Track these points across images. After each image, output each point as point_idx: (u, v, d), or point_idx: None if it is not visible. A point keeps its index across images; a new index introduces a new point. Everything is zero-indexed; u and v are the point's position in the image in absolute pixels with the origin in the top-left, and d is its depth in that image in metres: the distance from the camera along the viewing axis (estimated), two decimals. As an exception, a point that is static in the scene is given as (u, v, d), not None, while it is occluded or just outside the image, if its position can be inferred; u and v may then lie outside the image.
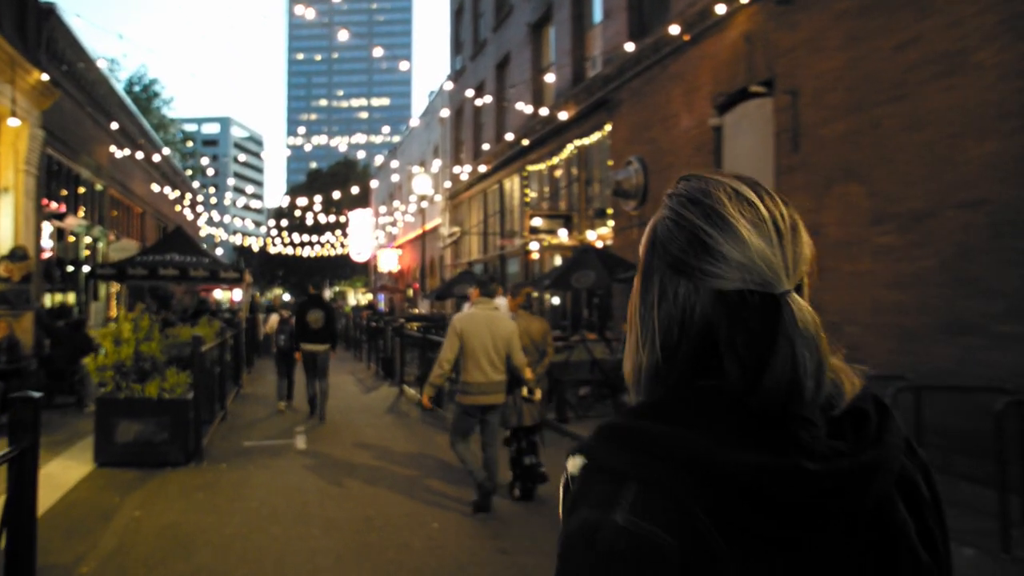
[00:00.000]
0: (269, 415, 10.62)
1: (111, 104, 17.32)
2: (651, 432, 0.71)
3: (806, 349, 0.72)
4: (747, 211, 0.76)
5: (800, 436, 0.71)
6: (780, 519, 0.68)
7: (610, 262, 11.12)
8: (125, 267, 15.06)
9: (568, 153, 14.98)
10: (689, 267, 0.76)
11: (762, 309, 0.73)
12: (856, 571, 0.72)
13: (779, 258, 0.75)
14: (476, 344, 5.59)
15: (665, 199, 0.85)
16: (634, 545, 0.66)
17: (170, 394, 7.28)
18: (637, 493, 0.69)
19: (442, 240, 25.57)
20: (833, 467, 0.69)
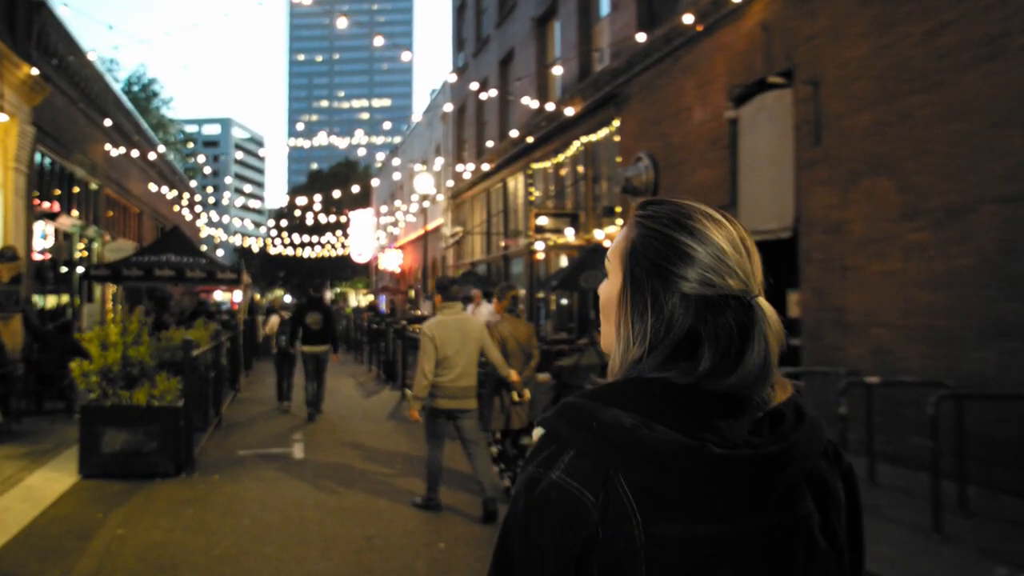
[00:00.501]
0: (266, 420, 10.24)
1: (106, 101, 16.95)
2: (592, 411, 0.85)
3: (776, 343, 0.88)
4: (721, 229, 0.91)
5: (720, 425, 0.84)
6: (686, 492, 0.81)
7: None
8: (120, 268, 14.69)
9: (574, 150, 14.59)
10: (675, 275, 0.89)
11: (738, 310, 0.88)
12: (752, 546, 0.83)
13: (748, 267, 0.91)
14: (450, 351, 5.53)
15: (640, 219, 0.96)
16: (561, 497, 0.83)
17: (159, 401, 6.89)
18: (572, 457, 0.84)
19: (444, 240, 25.18)
20: (736, 454, 0.81)
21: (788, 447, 0.85)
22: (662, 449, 0.81)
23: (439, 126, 26.12)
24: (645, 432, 0.82)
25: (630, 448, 0.81)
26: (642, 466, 0.81)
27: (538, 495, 0.84)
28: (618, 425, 0.83)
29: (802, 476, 0.88)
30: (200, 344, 9.61)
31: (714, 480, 0.81)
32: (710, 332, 0.87)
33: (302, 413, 10.50)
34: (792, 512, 0.86)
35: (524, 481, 0.87)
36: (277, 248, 40.58)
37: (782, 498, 0.85)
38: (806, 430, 0.89)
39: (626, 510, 0.81)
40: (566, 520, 0.82)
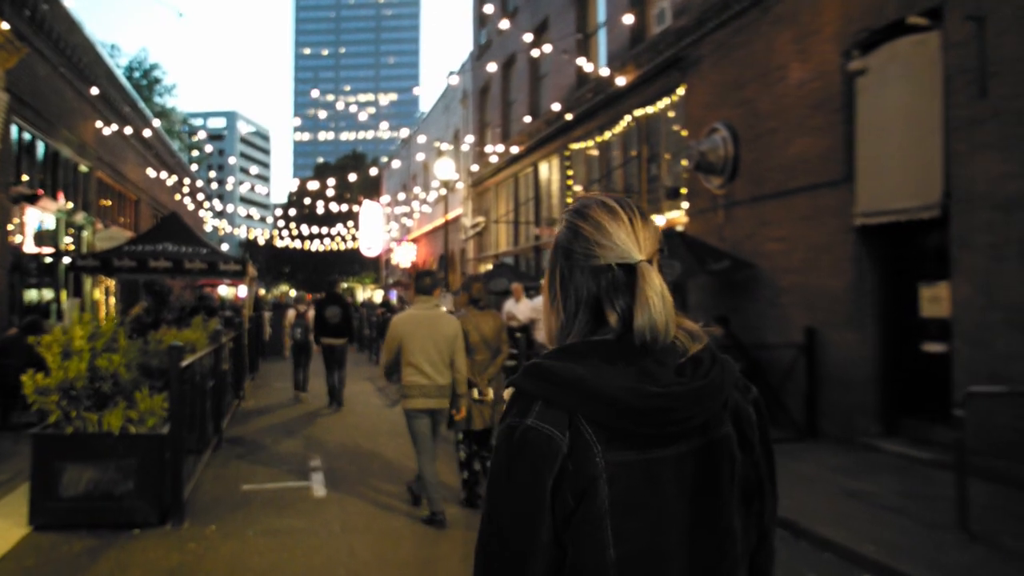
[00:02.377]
0: (276, 436, 8.56)
1: (98, 74, 15.26)
2: (553, 367, 1.05)
3: (655, 296, 1.07)
4: (609, 212, 1.13)
5: (652, 371, 1.05)
6: (634, 423, 1.02)
7: (698, 249, 9.01)
8: (110, 258, 13.02)
9: (624, 126, 12.86)
10: (575, 253, 1.13)
11: (626, 275, 1.10)
12: (688, 463, 1.06)
13: (632, 239, 1.11)
14: (416, 346, 5.28)
15: (564, 215, 1.20)
16: (537, 438, 1.02)
17: (139, 426, 5.21)
18: (541, 406, 1.04)
19: (464, 232, 23.46)
20: (668, 391, 1.03)
21: (707, 383, 1.06)
22: (611, 392, 1.01)
23: (458, 110, 24.38)
24: (596, 380, 1.02)
25: (586, 393, 1.02)
26: (596, 407, 1.02)
27: (517, 439, 1.03)
28: (575, 376, 1.03)
29: (721, 405, 1.09)
30: (197, 347, 7.94)
31: (653, 412, 1.02)
32: (604, 294, 1.11)
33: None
34: (715, 433, 1.09)
35: (503, 431, 1.06)
36: (284, 241, 38.87)
37: (706, 423, 1.08)
38: (720, 369, 1.09)
39: (588, 442, 1.02)
40: (542, 456, 1.01)
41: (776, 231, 8.75)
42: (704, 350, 1.10)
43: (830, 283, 7.91)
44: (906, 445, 7.19)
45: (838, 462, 6.96)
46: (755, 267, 8.99)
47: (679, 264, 8.65)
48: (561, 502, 1.01)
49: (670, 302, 1.08)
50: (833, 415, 7.83)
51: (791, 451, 7.38)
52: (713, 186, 9.93)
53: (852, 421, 7.60)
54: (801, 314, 8.29)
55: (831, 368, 7.85)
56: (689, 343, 1.10)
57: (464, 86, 23.71)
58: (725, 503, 1.09)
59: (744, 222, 9.40)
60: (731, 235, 9.60)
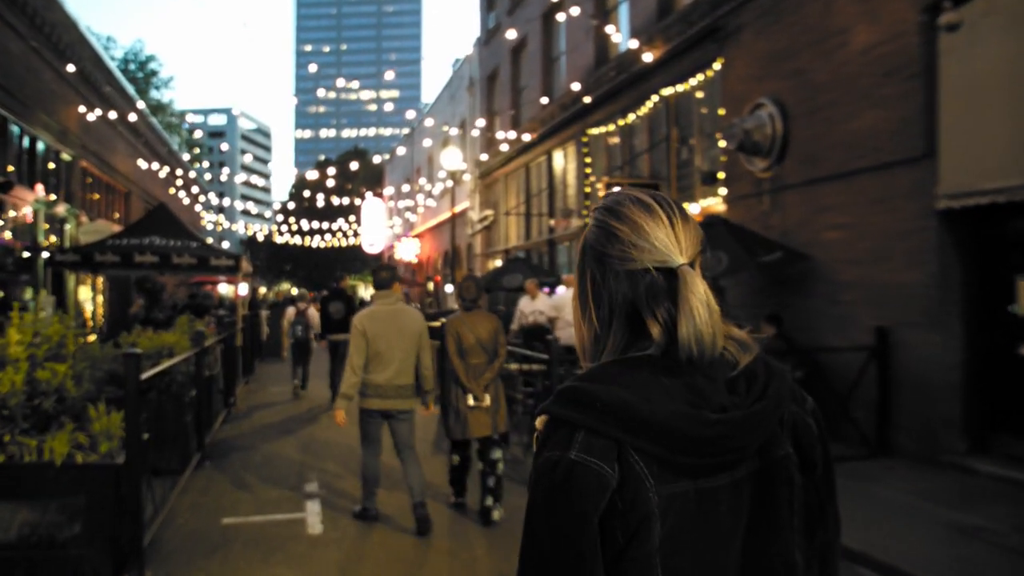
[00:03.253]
0: (269, 449, 7.53)
1: (82, 56, 14.23)
2: (594, 392, 0.93)
3: (700, 305, 0.95)
4: (645, 209, 1.02)
5: (703, 389, 0.94)
6: (688, 453, 0.92)
7: (746, 239, 7.96)
8: (92, 253, 12.02)
9: (650, 107, 11.79)
10: (609, 257, 1.02)
11: (666, 280, 0.98)
12: (744, 490, 0.97)
13: (672, 240, 0.99)
14: (382, 345, 5.06)
15: (593, 213, 1.08)
16: (583, 473, 0.90)
17: (88, 454, 4.17)
18: (585, 437, 0.92)
19: (471, 226, 22.41)
20: (728, 417, 0.93)
21: (766, 403, 0.96)
22: (666, 420, 0.91)
23: (464, 98, 23.31)
24: (646, 406, 0.91)
25: (635, 422, 0.91)
26: (648, 436, 0.91)
27: (560, 475, 0.91)
28: (622, 402, 0.91)
29: (779, 423, 1.00)
30: (176, 351, 6.93)
31: (711, 441, 0.91)
32: (643, 301, 0.99)
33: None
34: (772, 455, 0.99)
35: (544, 465, 0.93)
36: (284, 237, 37.84)
37: (762, 445, 0.98)
38: (777, 383, 0.99)
39: (640, 476, 0.91)
40: (590, 493, 0.89)
41: (836, 217, 7.69)
42: (757, 361, 1.01)
43: (905, 276, 6.85)
44: (1002, 465, 6.13)
45: (927, 486, 5.91)
46: (811, 259, 7.93)
47: (725, 256, 7.59)
48: (611, 541, 0.91)
49: (717, 311, 0.98)
50: (910, 428, 6.77)
51: (864, 471, 6.35)
52: (757, 169, 8.87)
53: (934, 436, 6.54)
54: (868, 312, 7.24)
55: (907, 374, 6.79)
56: (739, 354, 1.00)
57: (471, 73, 22.65)
58: (785, 534, 1.00)
59: (795, 208, 8.34)
60: (779, 223, 8.54)
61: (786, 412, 1.01)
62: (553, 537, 0.90)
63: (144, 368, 6.26)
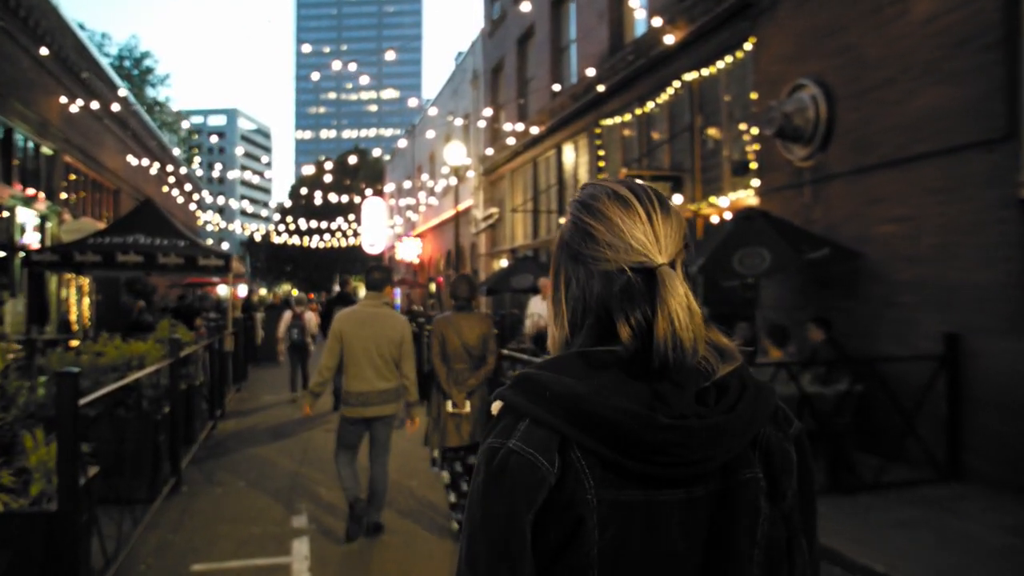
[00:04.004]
0: (256, 472, 6.69)
1: (64, 44, 13.40)
2: (546, 381, 0.88)
3: (680, 308, 0.88)
4: (620, 204, 0.95)
5: (667, 395, 0.87)
6: (635, 458, 0.85)
7: (790, 234, 7.11)
8: (71, 252, 11.18)
9: (670, 94, 10.95)
10: (583, 256, 0.96)
11: (643, 281, 0.91)
12: (700, 510, 0.88)
13: (651, 239, 0.92)
14: (357, 347, 4.85)
15: (569, 207, 1.02)
16: (519, 464, 0.85)
17: (15, 499, 3.33)
18: (527, 426, 0.87)
19: (475, 224, 21.56)
20: (682, 423, 0.85)
21: (732, 417, 0.88)
22: (614, 418, 0.84)
23: (467, 93, 22.47)
24: (595, 399, 0.85)
25: (583, 416, 0.85)
26: (592, 433, 0.85)
27: (497, 464, 0.86)
28: (572, 394, 0.86)
29: (747, 443, 0.90)
30: (146, 362, 6.10)
31: (661, 448, 0.84)
32: (616, 303, 0.92)
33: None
34: (735, 478, 0.89)
35: (484, 452, 0.89)
36: (283, 237, 37.00)
37: (727, 465, 0.89)
38: (750, 399, 0.91)
39: (579, 475, 0.85)
40: (523, 486, 0.84)
41: (892, 210, 6.85)
42: (733, 374, 0.93)
43: (978, 275, 6.01)
44: (1101, 494, 5.29)
45: (1017, 521, 5.06)
46: (862, 256, 7.08)
47: (768, 253, 6.75)
48: (544, 541, 0.86)
49: (698, 314, 0.90)
50: (985, 450, 5.92)
51: (935, 498, 5.52)
52: (796, 157, 8.02)
53: (1015, 459, 5.68)
54: (931, 316, 6.39)
55: (983, 388, 5.94)
56: (716, 364, 0.92)
57: (474, 66, 21.81)
58: (741, 566, 0.89)
59: (842, 200, 7.49)
60: (823, 217, 7.69)
61: (761, 433, 0.93)
62: (484, 528, 0.86)
63: (107, 381, 5.42)
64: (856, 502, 5.48)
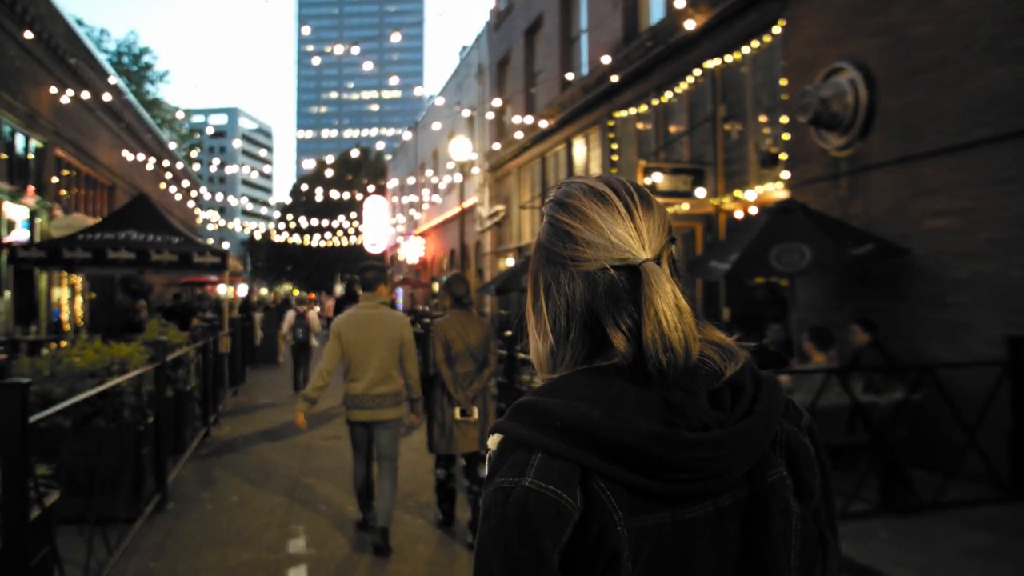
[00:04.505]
0: (250, 487, 6.13)
1: (54, 31, 12.84)
2: (553, 408, 0.80)
3: (667, 307, 0.81)
4: (597, 200, 0.88)
5: (681, 405, 0.81)
6: (663, 479, 0.77)
7: (831, 228, 6.55)
8: (59, 248, 10.65)
9: (690, 83, 10.38)
10: (562, 257, 0.88)
11: (628, 280, 0.84)
12: (731, 521, 0.82)
13: (632, 233, 0.85)
14: (356, 350, 4.69)
15: (543, 209, 0.95)
16: (539, 503, 0.75)
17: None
18: (541, 460, 0.78)
19: (480, 222, 21.00)
20: (709, 437, 0.79)
21: (754, 420, 0.83)
22: (636, 442, 0.77)
23: (472, 87, 21.91)
24: (614, 424, 0.78)
25: (601, 443, 0.78)
26: (616, 460, 0.78)
27: (513, 506, 0.77)
28: (585, 419, 0.79)
29: (771, 443, 0.86)
30: (129, 367, 5.55)
31: (690, 466, 0.78)
32: (602, 306, 0.86)
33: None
34: (763, 480, 0.84)
35: (494, 493, 0.79)
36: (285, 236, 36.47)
37: (753, 468, 0.83)
38: (766, 397, 0.86)
39: (606, 507, 0.78)
40: (547, 527, 0.76)
41: (944, 202, 6.28)
42: (744, 371, 0.87)
43: (1046, 273, 5.45)
44: None
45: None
46: (907, 253, 6.52)
47: (808, 249, 6.18)
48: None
49: (688, 312, 0.83)
50: (1055, 465, 5.35)
51: (1004, 520, 4.96)
52: (832, 147, 7.46)
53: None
54: (990, 318, 5.83)
55: (1052, 397, 5.37)
56: (723, 363, 0.86)
57: (479, 60, 21.25)
58: (780, 570, 0.83)
59: (884, 192, 6.93)
60: (862, 211, 7.13)
61: (779, 430, 0.87)
62: (506, 571, 0.76)
63: (84, 388, 4.89)
64: (916, 525, 4.92)
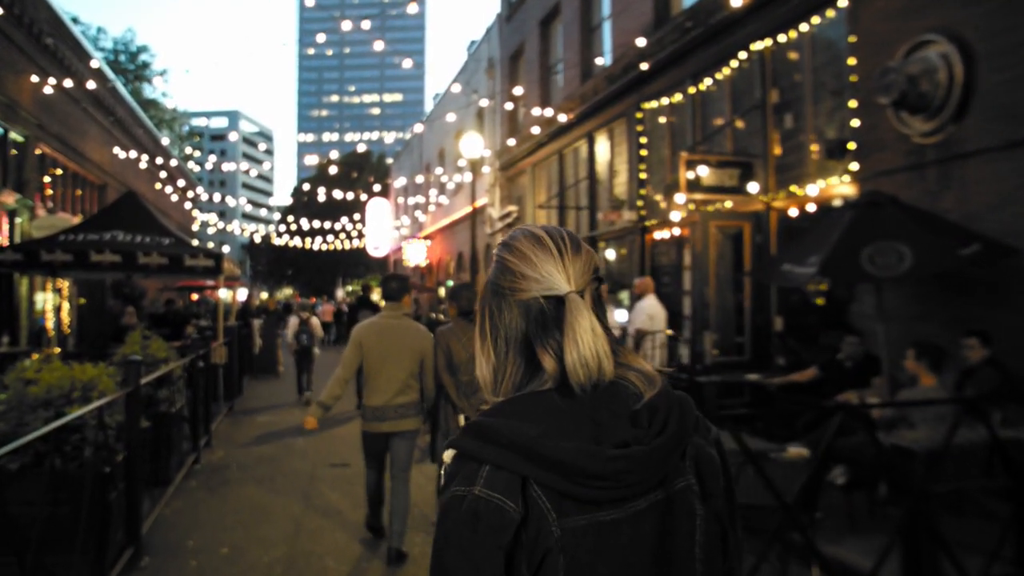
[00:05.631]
0: (242, 531, 5.14)
1: (37, 16, 11.87)
2: (498, 428, 0.95)
3: (584, 332, 0.98)
4: (533, 241, 1.06)
5: (607, 424, 0.97)
6: (589, 487, 0.93)
7: (931, 225, 5.56)
8: (38, 250, 9.69)
9: (734, 68, 9.40)
10: (504, 288, 1.06)
11: (555, 309, 1.02)
12: (645, 521, 0.97)
13: (560, 270, 1.03)
14: (377, 360, 4.68)
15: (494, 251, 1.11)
16: (487, 509, 0.91)
17: None
18: (488, 472, 0.93)
19: (490, 224, 20.01)
20: (628, 452, 0.94)
21: (666, 438, 0.97)
22: (564, 456, 0.92)
23: (482, 83, 20.94)
24: (548, 441, 0.93)
25: (537, 457, 0.92)
26: (549, 471, 0.92)
27: (465, 510, 0.92)
28: (524, 437, 0.93)
29: (680, 455, 1.01)
30: (95, 393, 4.57)
31: (611, 476, 0.93)
32: (534, 331, 1.03)
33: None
34: (673, 486, 0.99)
35: (449, 500, 0.95)
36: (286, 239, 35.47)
37: (665, 476, 0.99)
38: (677, 417, 1.00)
39: (542, 511, 0.93)
40: (494, 529, 0.91)
41: (1067, 193, 5.30)
42: (660, 395, 1.03)
43: None
44: None
45: None
46: (1017, 253, 5.53)
47: (908, 250, 5.18)
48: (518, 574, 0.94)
49: (603, 337, 1.01)
50: None
51: None
52: (916, 132, 6.47)
53: None
54: None
55: None
56: (644, 387, 1.03)
57: (490, 54, 20.30)
58: (687, 565, 1.00)
59: (984, 184, 5.94)
60: (955, 205, 6.14)
61: (688, 443, 1.03)
62: (459, 569, 0.91)
63: (34, 424, 3.93)
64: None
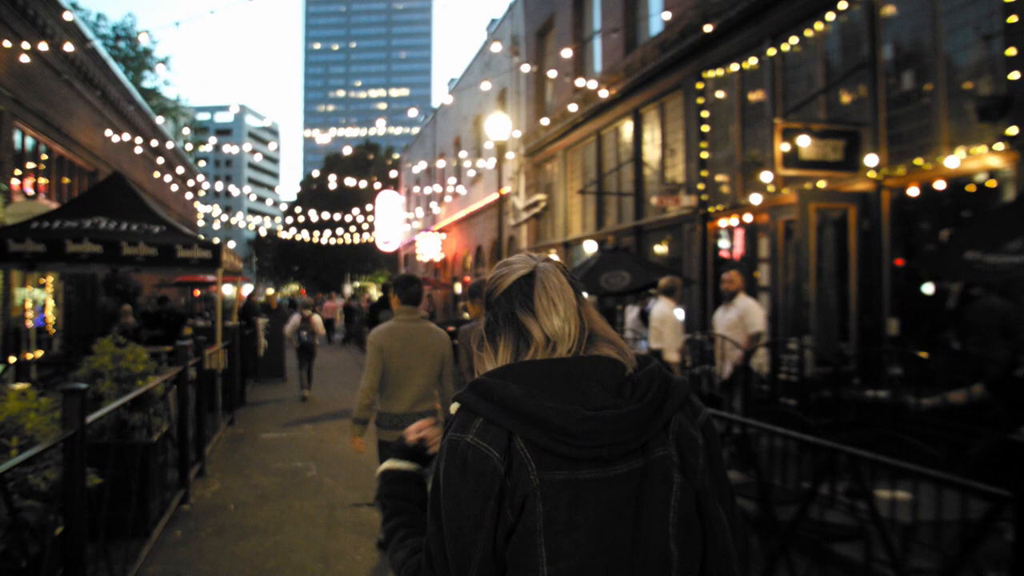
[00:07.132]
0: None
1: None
2: (492, 385, 1.12)
3: (555, 293, 1.18)
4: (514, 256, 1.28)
5: (590, 391, 1.11)
6: (565, 444, 1.07)
7: None
8: (4, 239, 8.28)
9: (829, 22, 7.89)
10: (491, 291, 1.25)
11: (528, 281, 1.21)
12: (623, 484, 1.09)
13: (526, 256, 1.25)
14: (397, 366, 4.44)
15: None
16: (475, 455, 1.08)
17: None
18: (481, 423, 1.11)
19: (513, 215, 18.53)
20: (600, 415, 1.08)
21: (641, 407, 1.11)
22: (542, 413, 1.07)
23: (504, 63, 19.43)
24: (531, 400, 1.09)
25: (519, 413, 1.08)
26: (531, 427, 1.08)
27: (458, 455, 1.10)
28: (512, 397, 1.09)
29: (661, 427, 1.13)
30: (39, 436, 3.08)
31: (584, 436, 1.07)
32: (517, 304, 1.20)
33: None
34: (650, 455, 1.11)
35: (446, 445, 1.12)
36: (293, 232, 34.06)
37: (646, 444, 1.11)
38: (660, 391, 1.14)
39: (523, 461, 1.07)
40: (481, 474, 1.07)
41: None
42: (645, 372, 1.16)
43: None
44: None
45: None
46: None
47: None
48: (503, 519, 1.08)
49: (572, 301, 1.20)
50: None
51: None
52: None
53: None
54: None
55: None
56: (632, 363, 1.17)
57: (513, 31, 18.79)
58: (660, 526, 1.09)
59: None
60: None
61: (673, 419, 1.15)
62: (449, 504, 1.09)
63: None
64: None
